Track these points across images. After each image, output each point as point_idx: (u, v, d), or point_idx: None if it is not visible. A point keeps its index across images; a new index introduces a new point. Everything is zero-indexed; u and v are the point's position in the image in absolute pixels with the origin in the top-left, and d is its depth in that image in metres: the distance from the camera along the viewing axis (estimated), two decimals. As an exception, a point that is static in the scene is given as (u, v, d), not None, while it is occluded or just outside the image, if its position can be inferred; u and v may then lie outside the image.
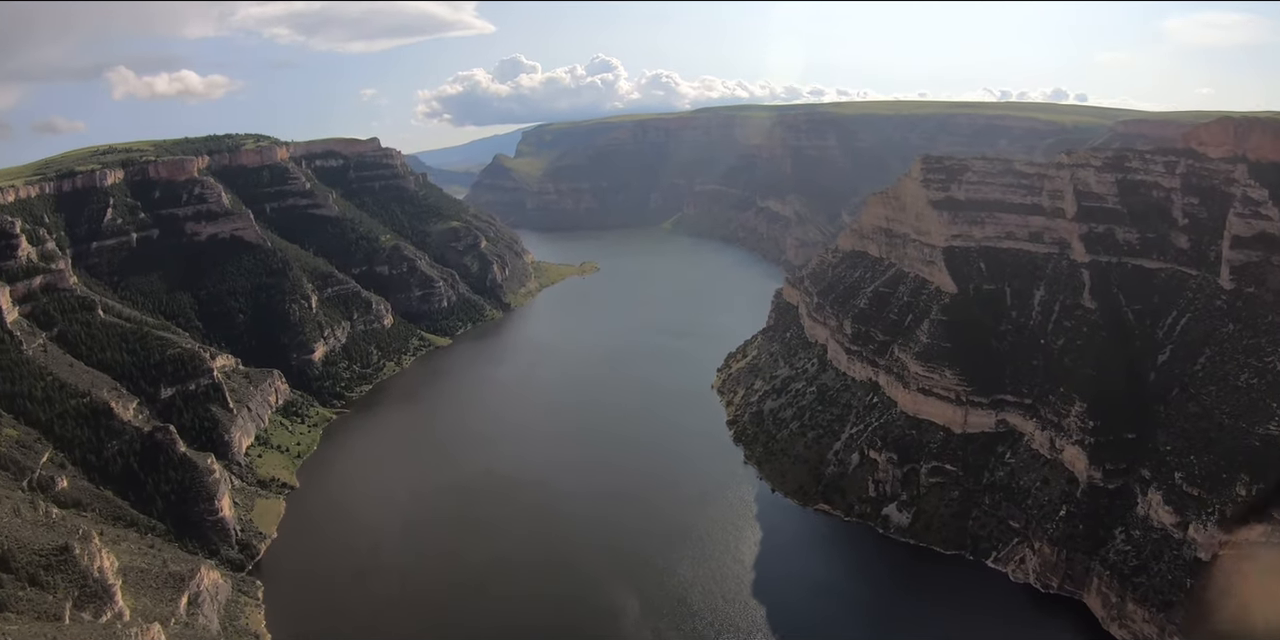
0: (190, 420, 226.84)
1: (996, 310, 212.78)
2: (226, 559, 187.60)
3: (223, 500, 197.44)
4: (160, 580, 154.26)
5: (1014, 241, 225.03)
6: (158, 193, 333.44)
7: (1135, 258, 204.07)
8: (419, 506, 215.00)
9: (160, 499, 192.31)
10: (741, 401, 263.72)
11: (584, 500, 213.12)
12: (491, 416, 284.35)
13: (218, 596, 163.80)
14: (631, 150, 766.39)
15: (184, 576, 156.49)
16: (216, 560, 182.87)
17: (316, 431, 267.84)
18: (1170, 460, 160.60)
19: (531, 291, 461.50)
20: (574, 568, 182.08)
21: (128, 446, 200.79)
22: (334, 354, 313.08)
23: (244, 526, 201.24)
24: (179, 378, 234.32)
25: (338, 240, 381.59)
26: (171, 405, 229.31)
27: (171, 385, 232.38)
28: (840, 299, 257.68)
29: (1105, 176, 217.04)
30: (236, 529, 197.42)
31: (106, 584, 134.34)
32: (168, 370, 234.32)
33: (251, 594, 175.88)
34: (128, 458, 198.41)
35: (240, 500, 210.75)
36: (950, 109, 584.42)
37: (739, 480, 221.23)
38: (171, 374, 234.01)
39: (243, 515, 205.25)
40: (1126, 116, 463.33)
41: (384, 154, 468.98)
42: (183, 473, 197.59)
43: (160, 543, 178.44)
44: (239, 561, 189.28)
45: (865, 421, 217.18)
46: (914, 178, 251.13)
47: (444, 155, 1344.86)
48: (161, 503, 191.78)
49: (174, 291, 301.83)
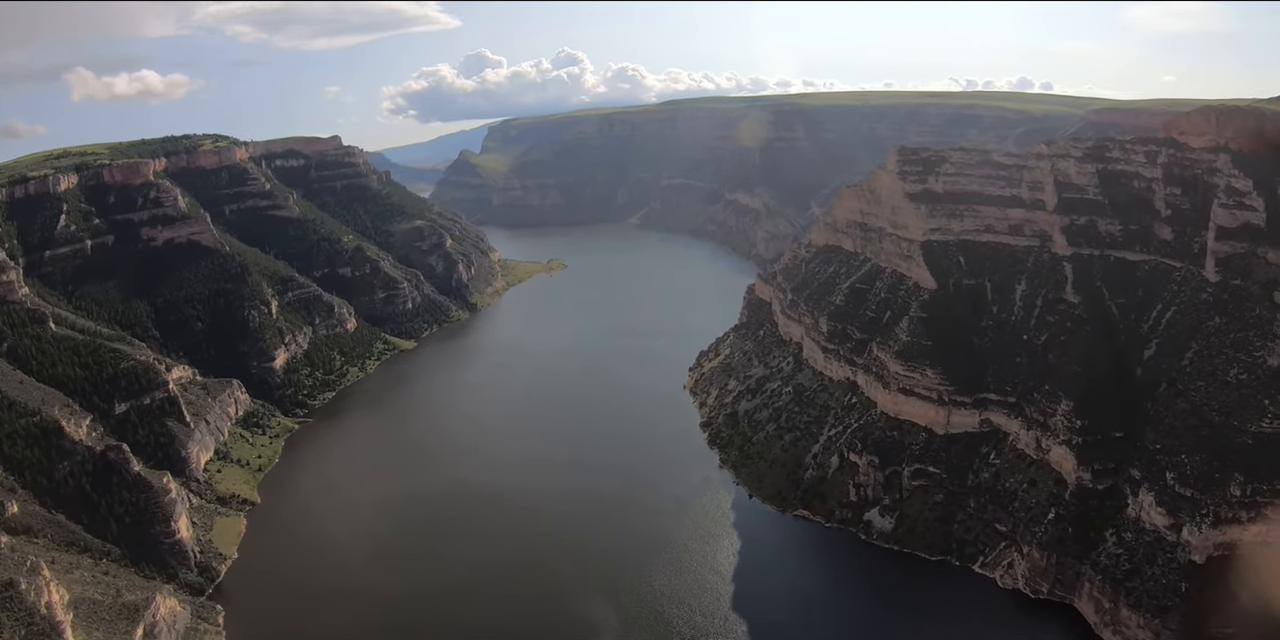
0: (146, 436, 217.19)
1: (977, 306, 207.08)
2: (185, 583, 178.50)
3: (179, 521, 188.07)
4: (114, 612, 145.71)
5: (993, 235, 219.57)
6: (113, 197, 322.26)
7: (1118, 250, 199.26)
8: (387, 520, 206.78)
9: (114, 522, 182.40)
10: (715, 402, 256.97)
11: (557, 511, 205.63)
12: (460, 422, 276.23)
13: (175, 626, 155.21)
14: (598, 144, 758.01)
15: (139, 606, 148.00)
16: (175, 585, 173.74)
17: (278, 443, 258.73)
18: (1161, 459, 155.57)
19: (498, 291, 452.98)
20: (549, 585, 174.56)
21: (79, 467, 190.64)
22: (295, 361, 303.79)
23: (203, 548, 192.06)
24: (133, 392, 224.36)
25: (299, 242, 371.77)
26: (126, 421, 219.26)
27: (125, 400, 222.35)
28: (815, 295, 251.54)
29: (1085, 167, 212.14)
30: (195, 551, 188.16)
31: (55, 621, 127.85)
32: (121, 384, 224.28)
33: (211, 620, 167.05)
34: (80, 479, 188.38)
35: (199, 519, 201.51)
36: (918, 99, 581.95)
37: (715, 486, 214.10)
38: (125, 388, 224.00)
39: (202, 535, 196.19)
40: (1097, 105, 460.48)
41: (346, 152, 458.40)
42: (137, 493, 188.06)
43: (115, 569, 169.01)
44: (198, 585, 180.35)
45: (844, 423, 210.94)
46: (889, 170, 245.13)
47: (410, 152, 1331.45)
48: (116, 526, 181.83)
49: (130, 300, 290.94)
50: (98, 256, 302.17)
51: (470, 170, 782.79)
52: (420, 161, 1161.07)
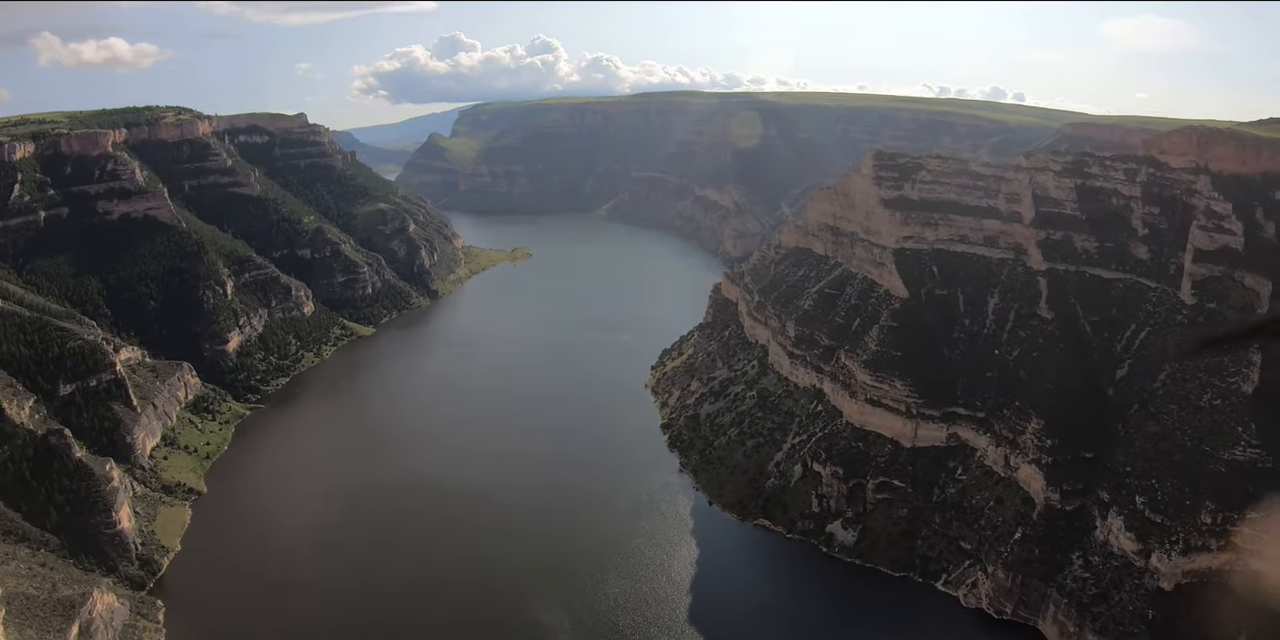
0: (90, 420, 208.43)
1: (949, 317, 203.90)
2: (125, 576, 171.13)
3: (121, 511, 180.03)
4: (48, 608, 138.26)
5: (968, 245, 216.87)
6: (69, 168, 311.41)
7: (1093, 267, 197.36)
8: (337, 512, 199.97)
9: (54, 510, 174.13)
10: (677, 403, 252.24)
11: (511, 509, 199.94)
12: (416, 413, 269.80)
13: (113, 622, 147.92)
14: (569, 133, 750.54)
15: (74, 602, 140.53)
16: (114, 578, 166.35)
17: (228, 429, 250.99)
18: (1131, 483, 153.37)
19: (461, 278, 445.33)
20: (501, 586, 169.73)
21: (20, 452, 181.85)
22: (250, 344, 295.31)
23: (145, 539, 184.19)
24: (79, 373, 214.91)
25: (259, 221, 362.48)
26: (70, 403, 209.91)
27: (71, 381, 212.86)
28: (783, 299, 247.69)
29: (1064, 181, 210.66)
30: (137, 542, 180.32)
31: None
32: (67, 365, 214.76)
33: (151, 616, 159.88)
34: (20, 464, 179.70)
35: (142, 509, 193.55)
36: (893, 103, 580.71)
37: (674, 490, 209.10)
38: (71, 369, 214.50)
39: (144, 526, 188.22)
40: (1070, 119, 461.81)
41: (311, 130, 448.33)
42: (78, 481, 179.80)
43: (53, 560, 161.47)
44: (139, 579, 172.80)
45: (809, 431, 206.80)
46: (864, 174, 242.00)
47: (379, 132, 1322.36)
48: (55, 514, 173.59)
49: (82, 275, 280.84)
50: (51, 229, 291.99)
51: (439, 154, 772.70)
52: (389, 142, 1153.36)
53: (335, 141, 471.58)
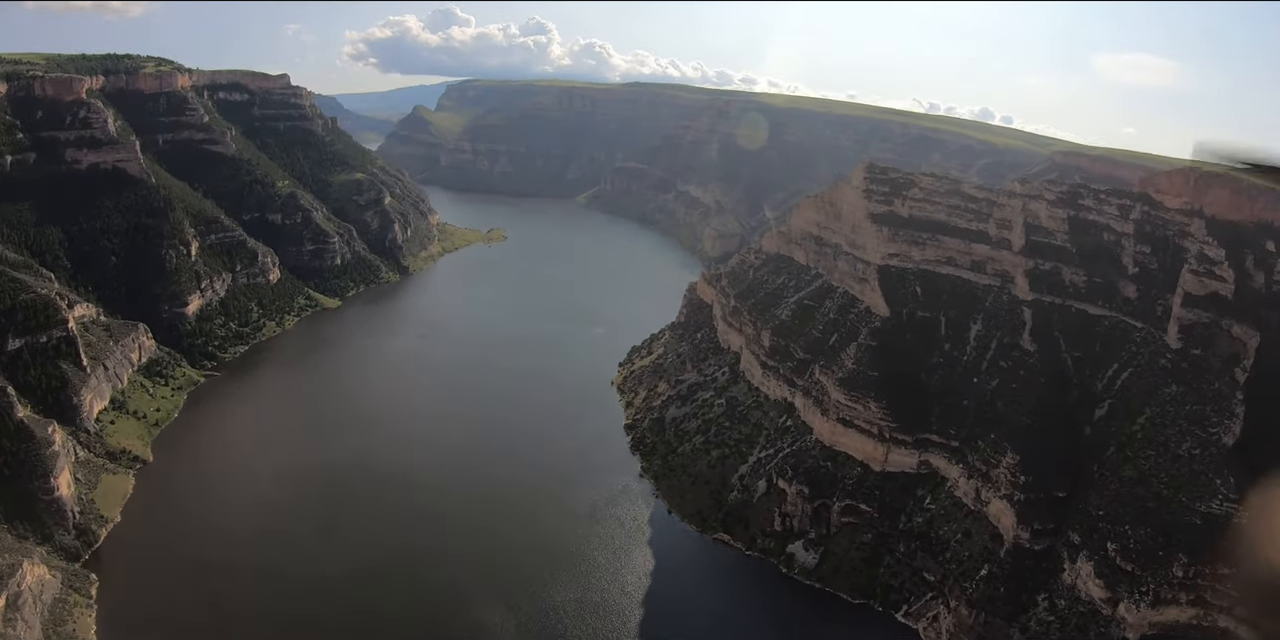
0: (36, 378, 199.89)
1: (929, 340, 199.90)
2: (60, 546, 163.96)
3: (61, 476, 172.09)
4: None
5: (954, 268, 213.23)
6: (40, 113, 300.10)
7: (1080, 302, 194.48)
8: (283, 494, 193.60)
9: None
10: (642, 404, 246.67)
11: (463, 502, 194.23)
12: (375, 393, 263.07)
13: (42, 596, 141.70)
14: (556, 117, 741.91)
15: (3, 574, 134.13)
16: (48, 548, 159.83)
17: (180, 396, 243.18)
18: (1103, 527, 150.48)
19: (433, 256, 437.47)
20: (445, 582, 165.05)
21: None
22: (210, 308, 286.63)
23: (84, 508, 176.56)
24: (29, 328, 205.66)
25: (231, 181, 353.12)
26: (18, 359, 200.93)
27: (20, 336, 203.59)
28: (760, 306, 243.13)
29: (1057, 212, 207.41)
30: (75, 511, 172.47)
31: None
32: (18, 319, 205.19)
33: (84, 590, 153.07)
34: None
35: (83, 476, 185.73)
36: (884, 115, 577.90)
37: (633, 496, 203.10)
38: (21, 323, 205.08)
39: (84, 494, 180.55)
40: (1059, 146, 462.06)
41: (293, 92, 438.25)
42: (18, 442, 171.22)
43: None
44: (74, 550, 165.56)
45: (776, 445, 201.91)
46: (854, 186, 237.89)
47: (366, 100, 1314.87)
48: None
49: (44, 225, 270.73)
50: (16, 174, 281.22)
51: (423, 127, 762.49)
52: (375, 111, 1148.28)
53: (317, 106, 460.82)
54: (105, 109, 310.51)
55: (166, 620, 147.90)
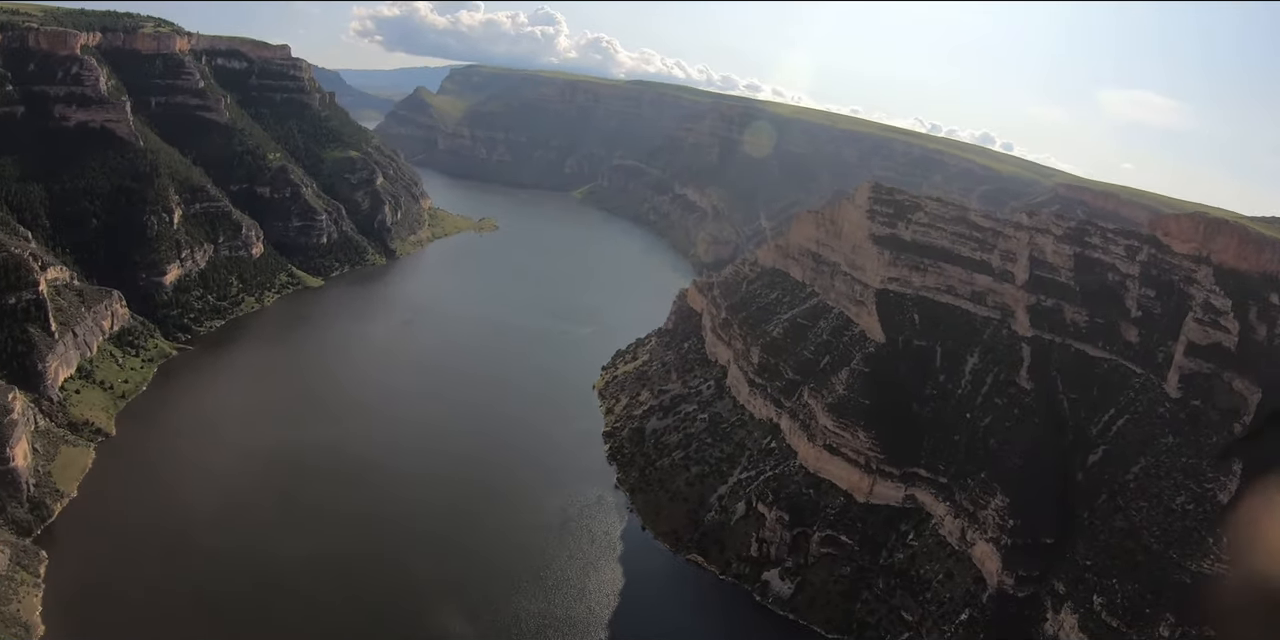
0: (2, 341, 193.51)
1: (924, 371, 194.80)
2: (12, 519, 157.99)
3: (18, 446, 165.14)
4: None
5: (954, 297, 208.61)
6: (33, 66, 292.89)
7: (1080, 342, 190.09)
8: (246, 478, 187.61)
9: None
10: (623, 412, 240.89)
11: (431, 499, 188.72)
12: (351, 379, 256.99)
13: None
14: (558, 109, 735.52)
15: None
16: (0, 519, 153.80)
17: (150, 368, 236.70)
18: (1090, 578, 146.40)
19: (422, 241, 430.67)
20: (403, 579, 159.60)
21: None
22: (189, 279, 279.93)
23: (40, 480, 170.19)
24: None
25: (221, 150, 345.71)
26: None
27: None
28: (752, 320, 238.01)
29: (1064, 248, 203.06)
30: (30, 483, 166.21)
31: None
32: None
33: (32, 568, 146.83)
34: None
35: (42, 447, 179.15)
36: (887, 132, 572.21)
37: (607, 508, 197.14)
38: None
39: (41, 466, 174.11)
40: (1061, 178, 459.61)
41: (292, 64, 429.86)
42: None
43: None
44: (26, 524, 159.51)
45: (759, 467, 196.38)
46: (858, 205, 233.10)
47: (368, 77, 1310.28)
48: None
49: (27, 181, 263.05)
50: (2, 127, 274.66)
51: (423, 109, 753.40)
52: (376, 89, 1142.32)
53: (317, 80, 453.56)
54: (99, 67, 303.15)
55: (116, 602, 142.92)
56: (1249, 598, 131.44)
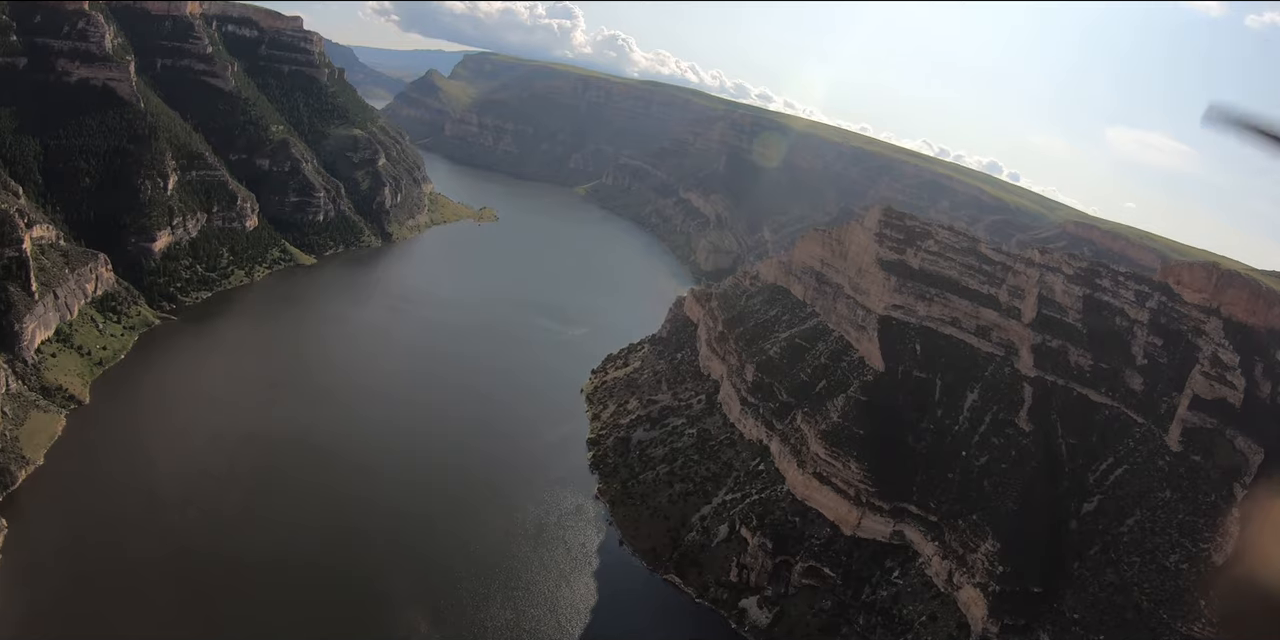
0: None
1: (921, 403, 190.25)
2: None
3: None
4: None
5: (958, 330, 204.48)
6: (39, 17, 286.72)
7: (1083, 386, 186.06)
8: (217, 458, 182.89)
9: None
10: (609, 420, 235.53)
11: (404, 496, 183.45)
12: (334, 363, 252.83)
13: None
14: (568, 103, 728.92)
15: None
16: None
17: (131, 336, 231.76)
18: (1077, 632, 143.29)
19: (420, 226, 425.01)
20: (368, 578, 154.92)
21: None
22: (178, 248, 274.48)
23: (6, 445, 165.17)
24: None
25: (224, 119, 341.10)
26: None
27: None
28: (749, 336, 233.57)
29: (1073, 288, 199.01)
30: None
31: None
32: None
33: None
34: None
35: (11, 410, 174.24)
36: (897, 154, 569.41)
37: (585, 518, 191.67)
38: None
39: (8, 430, 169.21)
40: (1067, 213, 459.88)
41: (304, 36, 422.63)
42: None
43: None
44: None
45: (745, 490, 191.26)
46: (867, 227, 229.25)
47: (381, 55, 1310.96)
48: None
49: (22, 134, 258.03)
50: (3, 78, 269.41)
51: (433, 92, 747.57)
52: (388, 68, 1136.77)
53: (327, 55, 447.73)
54: (106, 24, 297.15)
55: (73, 575, 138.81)
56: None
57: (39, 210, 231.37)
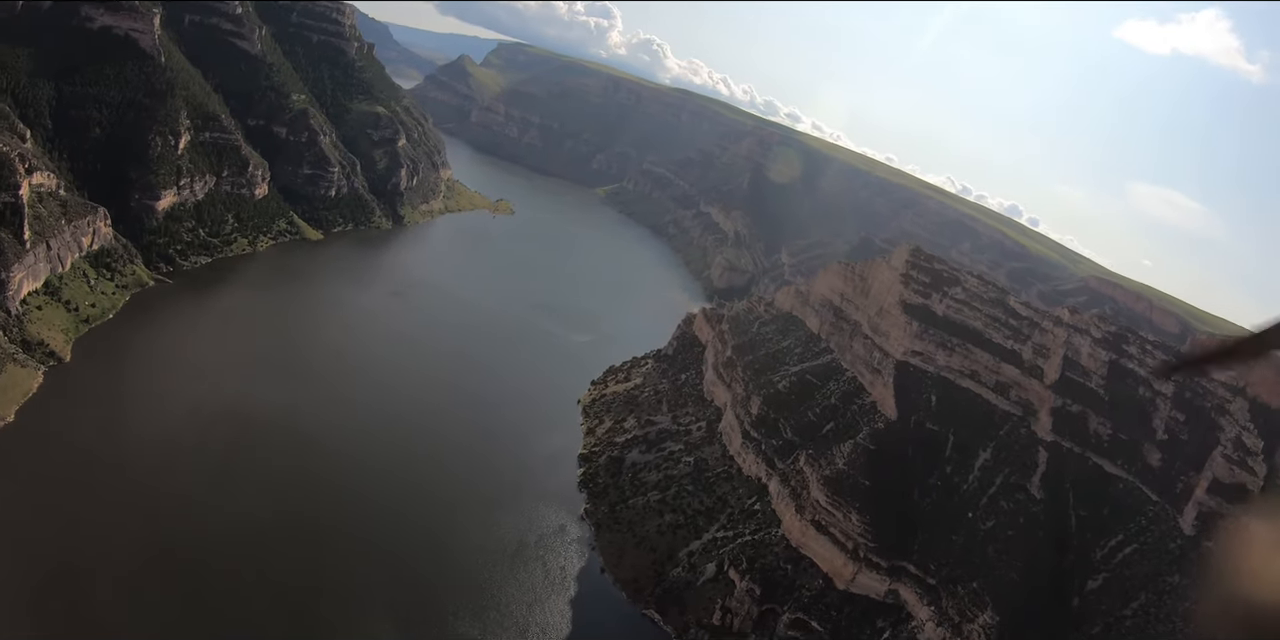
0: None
1: (931, 457, 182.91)
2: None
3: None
4: None
5: (976, 384, 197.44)
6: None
7: (1100, 456, 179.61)
8: (192, 433, 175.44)
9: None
10: (604, 436, 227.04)
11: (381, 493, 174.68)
12: (327, 344, 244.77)
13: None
14: (597, 102, 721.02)
15: None
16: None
17: (123, 295, 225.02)
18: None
19: (433, 211, 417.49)
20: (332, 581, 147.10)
21: None
22: (183, 209, 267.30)
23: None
24: None
25: (245, 82, 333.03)
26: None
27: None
28: (758, 366, 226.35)
29: (1100, 352, 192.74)
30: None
31: None
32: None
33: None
34: None
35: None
36: (923, 188, 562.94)
37: (568, 541, 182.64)
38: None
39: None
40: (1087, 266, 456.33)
41: (336, 7, 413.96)
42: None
43: None
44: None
45: (738, 529, 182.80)
46: (894, 267, 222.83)
47: (417, 35, 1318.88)
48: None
49: (37, 77, 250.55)
50: (25, 18, 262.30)
51: (463, 77, 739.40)
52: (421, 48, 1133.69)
53: (358, 29, 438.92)
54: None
55: (26, 542, 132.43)
56: None
57: (44, 156, 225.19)
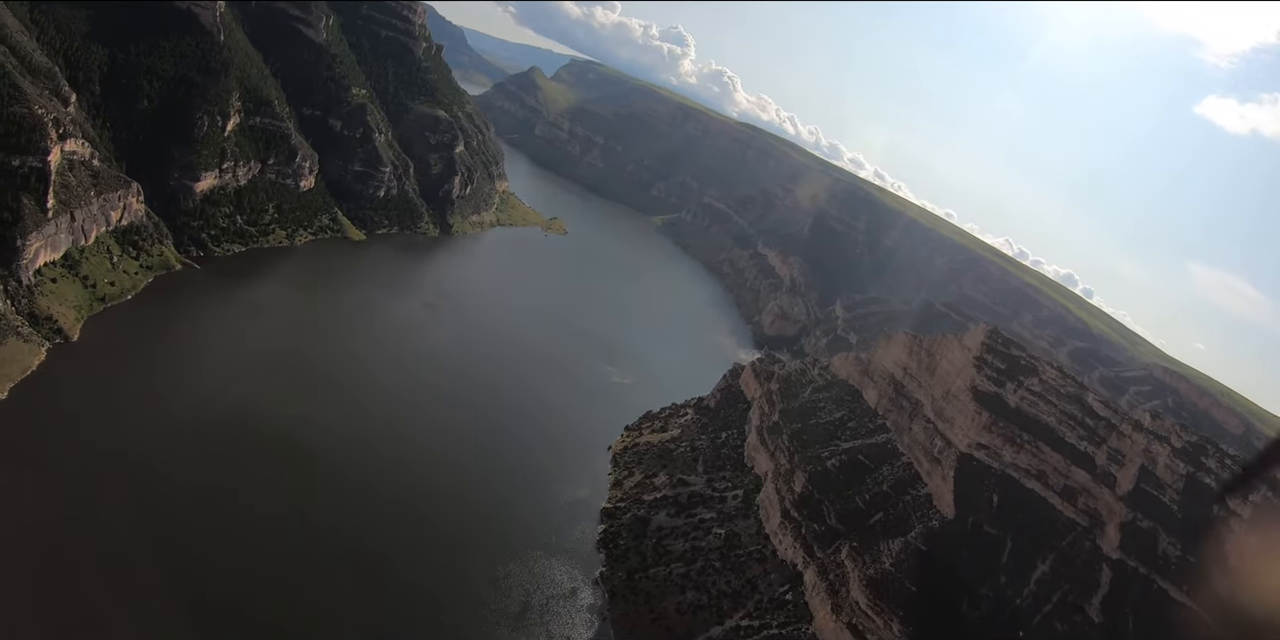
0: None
1: (986, 563, 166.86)
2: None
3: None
4: None
5: (1042, 486, 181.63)
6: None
7: (1166, 580, 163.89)
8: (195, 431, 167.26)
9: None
10: (631, 491, 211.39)
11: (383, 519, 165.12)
12: (350, 351, 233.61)
13: None
14: (663, 129, 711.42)
15: None
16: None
17: (146, 276, 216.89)
18: None
19: (484, 223, 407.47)
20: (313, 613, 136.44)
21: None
22: (222, 193, 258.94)
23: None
24: (3, 145, 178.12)
25: (305, 70, 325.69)
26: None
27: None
28: (805, 436, 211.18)
29: (1178, 464, 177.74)
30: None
31: None
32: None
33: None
34: None
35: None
36: (984, 251, 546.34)
37: (577, 609, 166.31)
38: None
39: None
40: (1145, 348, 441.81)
41: (407, 5, 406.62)
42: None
43: None
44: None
45: (765, 619, 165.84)
46: (967, 347, 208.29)
47: (491, 43, 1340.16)
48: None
49: (92, 40, 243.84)
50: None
51: (531, 89, 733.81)
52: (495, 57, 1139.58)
53: (428, 28, 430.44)
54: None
55: None
56: None
57: (87, 122, 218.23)
